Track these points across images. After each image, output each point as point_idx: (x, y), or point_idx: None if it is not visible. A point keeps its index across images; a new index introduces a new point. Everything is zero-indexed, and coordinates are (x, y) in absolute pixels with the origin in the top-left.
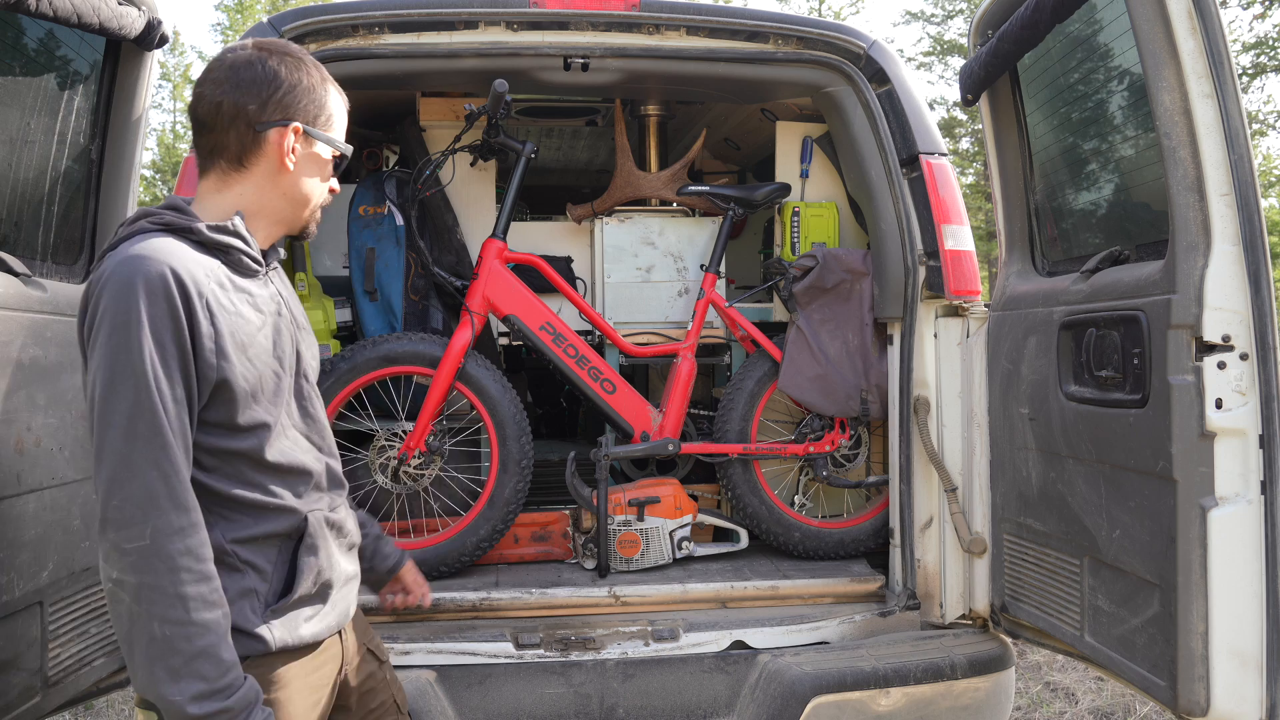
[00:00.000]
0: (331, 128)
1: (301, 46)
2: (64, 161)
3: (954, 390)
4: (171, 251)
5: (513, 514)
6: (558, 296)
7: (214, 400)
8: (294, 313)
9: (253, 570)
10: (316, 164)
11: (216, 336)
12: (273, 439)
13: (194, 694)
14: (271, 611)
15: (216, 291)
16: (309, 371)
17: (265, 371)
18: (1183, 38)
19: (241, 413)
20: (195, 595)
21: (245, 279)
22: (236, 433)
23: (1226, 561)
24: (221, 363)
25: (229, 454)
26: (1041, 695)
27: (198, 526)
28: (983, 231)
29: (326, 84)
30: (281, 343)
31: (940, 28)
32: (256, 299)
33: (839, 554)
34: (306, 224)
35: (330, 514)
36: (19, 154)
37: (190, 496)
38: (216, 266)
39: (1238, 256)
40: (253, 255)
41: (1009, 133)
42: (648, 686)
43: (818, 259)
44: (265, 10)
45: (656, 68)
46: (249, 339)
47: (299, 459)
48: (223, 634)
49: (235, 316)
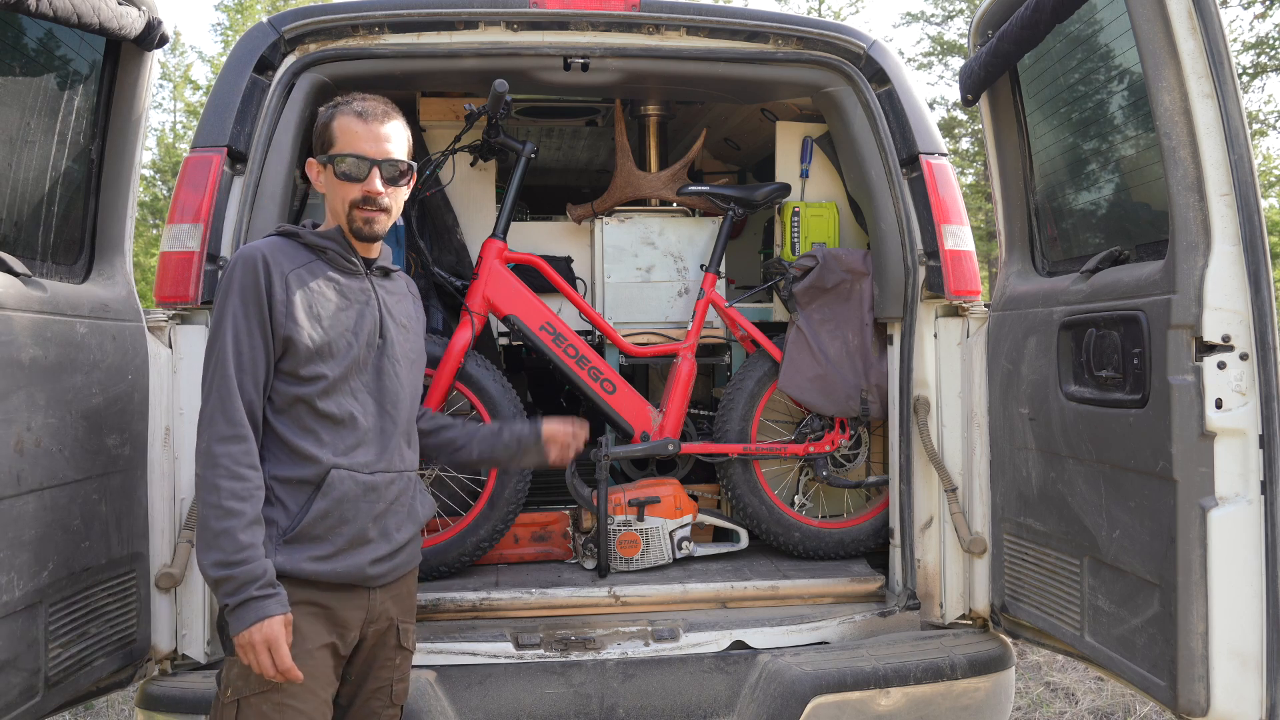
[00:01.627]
0: (334, 145)
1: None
2: (64, 161)
3: (954, 390)
4: (272, 245)
5: (513, 514)
6: (558, 296)
7: (286, 353)
8: (390, 310)
9: (281, 506)
10: (331, 178)
11: (289, 304)
12: (330, 391)
13: (213, 561)
14: (284, 542)
15: (302, 273)
16: (398, 355)
17: (338, 339)
18: (1183, 38)
19: (305, 366)
20: (227, 488)
21: (340, 273)
22: (299, 381)
23: (1226, 561)
24: (289, 323)
25: (294, 399)
26: (1041, 695)
27: (242, 439)
28: (983, 231)
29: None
30: (362, 324)
31: (940, 28)
32: (344, 288)
33: (839, 554)
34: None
35: (367, 476)
36: (19, 154)
37: (241, 415)
38: (311, 260)
39: (1238, 256)
40: (345, 256)
41: (1009, 133)
42: (648, 686)
43: (818, 259)
44: (265, 10)
45: (656, 68)
46: (325, 312)
47: (350, 410)
48: (246, 522)
49: (317, 294)
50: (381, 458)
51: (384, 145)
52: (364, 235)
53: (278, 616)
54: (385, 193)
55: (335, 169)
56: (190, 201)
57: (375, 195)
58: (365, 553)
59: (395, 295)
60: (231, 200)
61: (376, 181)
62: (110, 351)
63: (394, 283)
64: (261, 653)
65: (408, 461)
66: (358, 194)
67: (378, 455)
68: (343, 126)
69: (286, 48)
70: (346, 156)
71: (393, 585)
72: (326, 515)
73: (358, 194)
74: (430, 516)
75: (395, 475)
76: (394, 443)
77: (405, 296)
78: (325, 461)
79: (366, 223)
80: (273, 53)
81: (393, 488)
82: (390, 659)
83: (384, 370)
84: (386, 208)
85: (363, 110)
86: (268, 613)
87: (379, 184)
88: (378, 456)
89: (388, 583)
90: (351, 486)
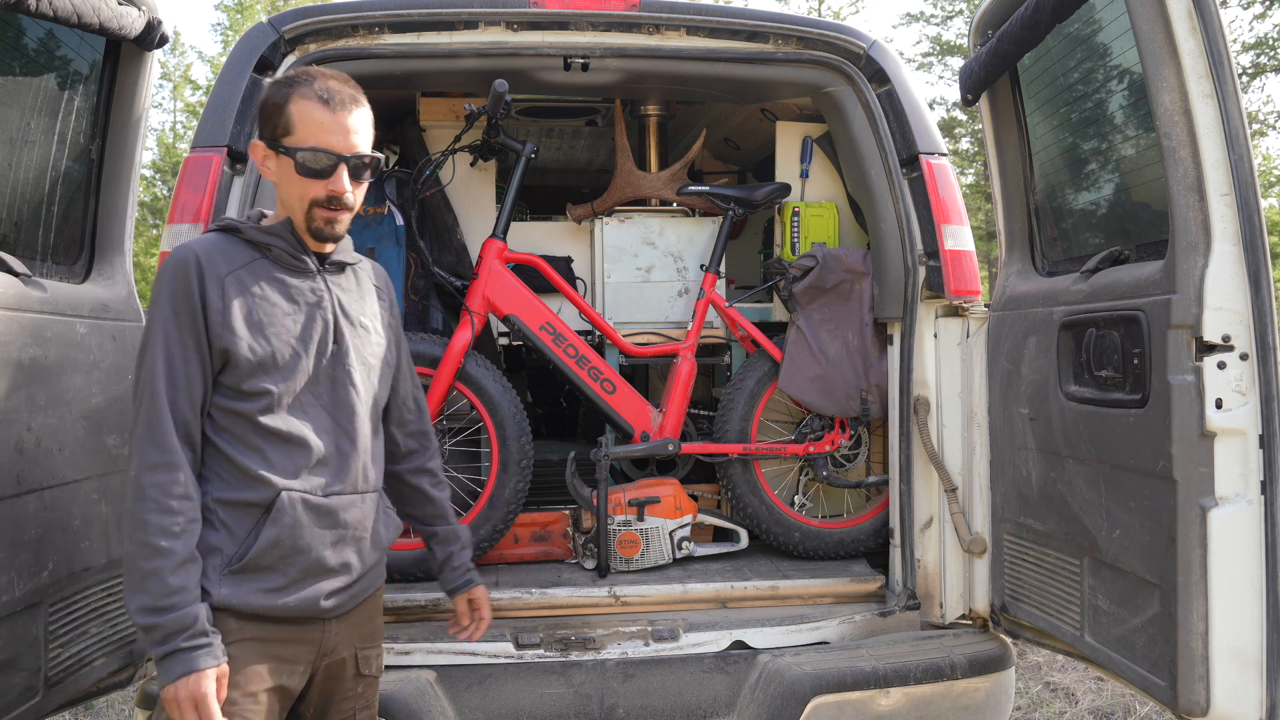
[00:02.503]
0: (292, 133)
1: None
2: (64, 161)
3: (954, 390)
4: (208, 243)
5: (513, 514)
6: (558, 296)
7: (225, 366)
8: (345, 311)
9: (226, 531)
10: (286, 169)
11: (225, 312)
12: (276, 407)
13: (140, 605)
14: (229, 572)
15: (242, 276)
16: (351, 362)
17: (282, 349)
18: (1183, 38)
19: (246, 380)
20: (155, 524)
21: (287, 273)
22: (241, 396)
23: (1226, 561)
24: (225, 333)
25: (235, 415)
26: (1041, 695)
27: (173, 466)
28: (983, 231)
29: (292, 95)
30: (312, 329)
31: (940, 28)
32: (292, 290)
33: (839, 554)
34: (308, 225)
35: (321, 499)
36: (19, 154)
37: (172, 439)
38: (254, 259)
39: (1238, 256)
40: (294, 254)
41: (1009, 133)
42: (648, 686)
43: (818, 259)
44: (265, 10)
45: (656, 68)
46: (269, 319)
47: (300, 431)
48: (177, 563)
49: (260, 300)
50: (339, 478)
51: (352, 139)
52: (325, 236)
53: (208, 670)
54: (350, 190)
55: (296, 163)
56: (190, 201)
57: (341, 195)
58: (321, 584)
59: (353, 293)
60: (231, 200)
61: (344, 180)
62: (110, 351)
63: (351, 278)
64: (187, 711)
65: (371, 481)
66: (321, 193)
67: (335, 476)
68: (304, 113)
69: (286, 48)
70: (310, 151)
71: (351, 613)
72: (277, 544)
73: (321, 193)
74: (395, 539)
75: (356, 498)
76: (354, 461)
77: (367, 292)
78: (275, 484)
79: (329, 223)
80: (273, 53)
81: (353, 511)
82: (351, 690)
83: (339, 381)
84: (351, 206)
85: (328, 95)
86: (196, 666)
87: (346, 182)
88: (335, 477)
89: (345, 612)
90: (304, 512)
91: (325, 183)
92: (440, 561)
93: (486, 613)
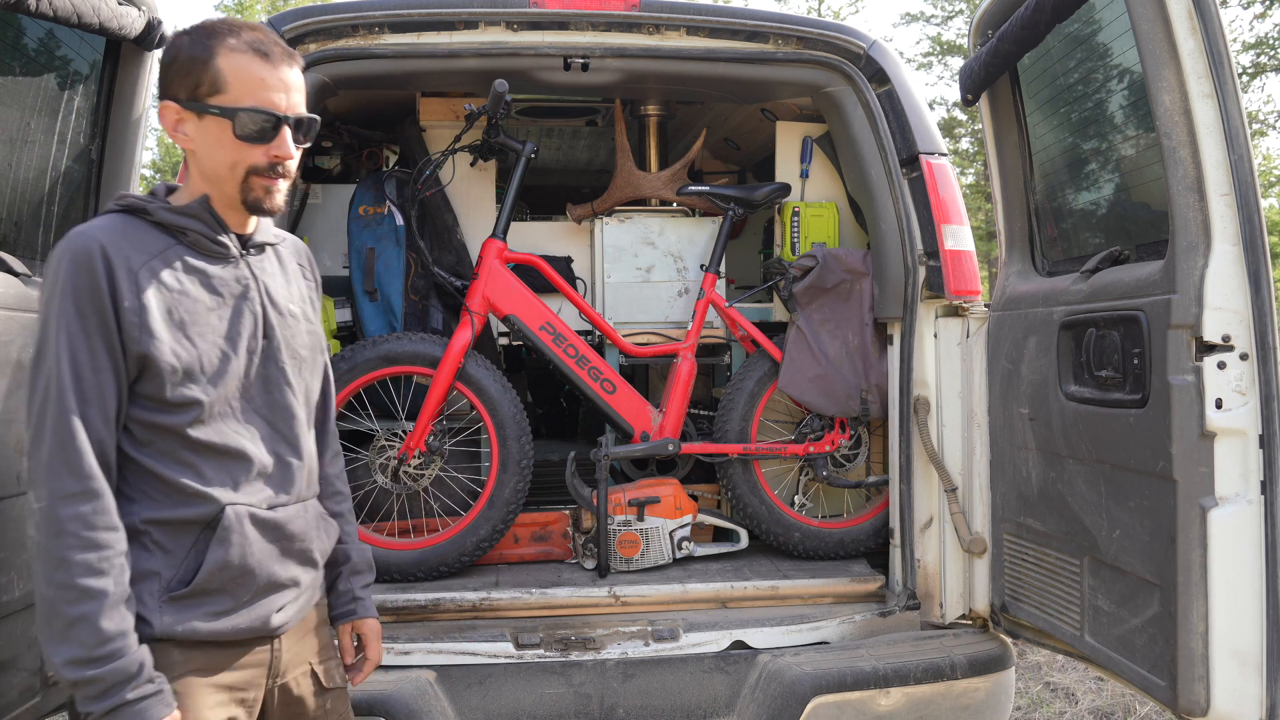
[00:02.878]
0: (224, 91)
1: (228, 17)
2: (64, 161)
3: (954, 390)
4: (111, 228)
5: (513, 514)
6: (558, 296)
7: (143, 373)
8: (273, 298)
9: (162, 553)
10: (216, 134)
11: (142, 311)
12: (207, 418)
13: (68, 659)
14: (170, 599)
15: (156, 267)
16: (283, 359)
17: (209, 351)
18: (1183, 38)
19: (171, 389)
20: (79, 562)
21: (206, 260)
22: (165, 408)
23: (1226, 561)
24: (144, 337)
25: (159, 429)
26: (1041, 695)
27: (94, 494)
28: (983, 231)
29: (217, 48)
30: (240, 325)
31: (940, 28)
32: (214, 280)
33: (839, 554)
34: (244, 197)
35: (266, 512)
36: (19, 154)
37: (90, 462)
38: (167, 246)
39: (1238, 256)
40: (213, 238)
41: (1009, 133)
42: (648, 686)
43: (818, 259)
44: (265, 10)
45: (656, 68)
46: (192, 318)
47: (240, 444)
48: (109, 603)
49: (179, 295)
50: (283, 489)
51: (294, 96)
52: (264, 209)
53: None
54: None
55: (235, 126)
56: None
57: (287, 160)
58: (272, 600)
59: (277, 276)
60: None
61: (289, 143)
62: None
63: (273, 259)
64: None
65: (312, 487)
66: (262, 159)
67: (279, 487)
68: (239, 68)
69: None
70: (251, 111)
71: (298, 628)
72: (226, 566)
73: (262, 159)
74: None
75: (300, 507)
76: (296, 470)
77: (291, 274)
78: (216, 499)
79: (268, 193)
80: None
81: (298, 522)
82: (320, 708)
83: (272, 381)
84: (290, 173)
85: (264, 48)
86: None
87: (292, 146)
88: (279, 488)
89: (292, 627)
90: (252, 528)
91: (267, 147)
92: (327, 585)
93: (374, 653)
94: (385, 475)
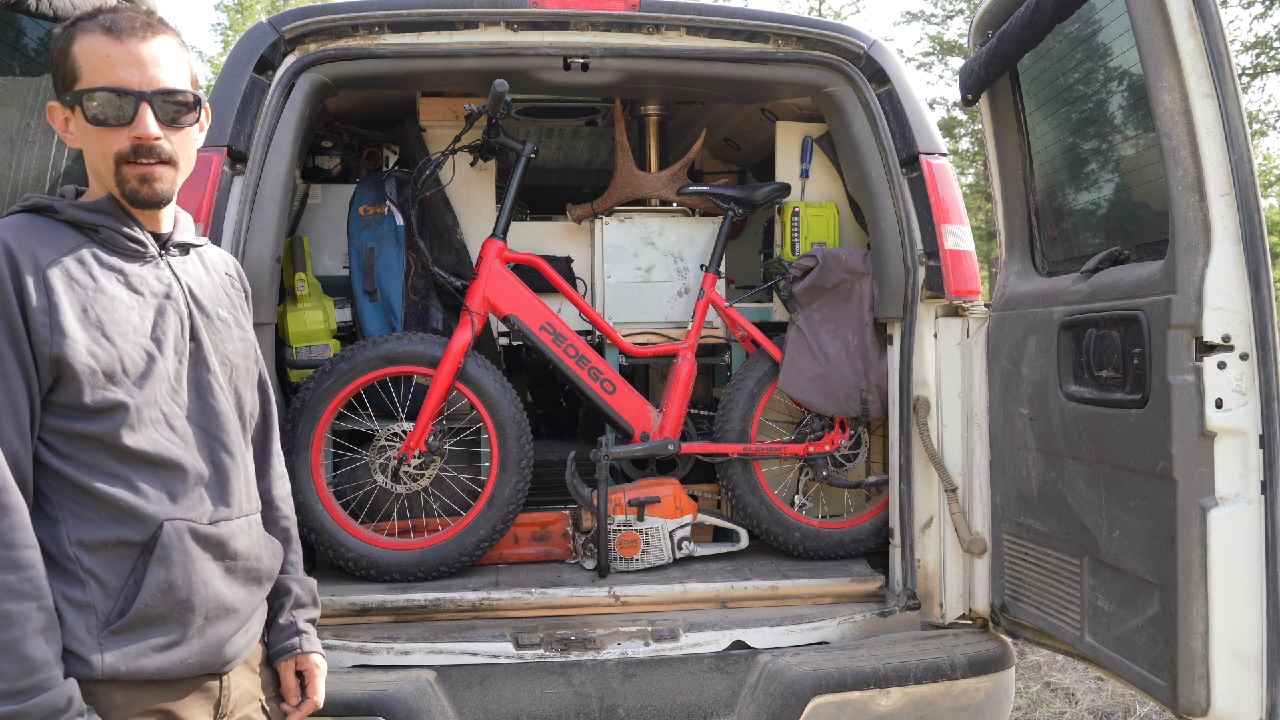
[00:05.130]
0: (80, 78)
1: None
2: (64, 161)
3: (954, 390)
4: (17, 227)
5: (513, 514)
6: (558, 296)
7: (58, 379)
8: (198, 300)
9: (95, 582)
10: (80, 125)
11: (52, 311)
12: (135, 424)
13: None
14: (110, 633)
15: (70, 266)
16: (213, 363)
17: (130, 351)
18: (1183, 38)
19: (89, 392)
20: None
21: (122, 259)
22: (86, 415)
23: (1226, 561)
24: (56, 338)
25: (81, 438)
26: (1041, 695)
27: (9, 509)
28: (983, 231)
29: (75, 35)
30: (164, 326)
31: (940, 28)
32: (132, 278)
33: (839, 554)
34: (123, 189)
35: (207, 527)
36: (19, 154)
37: (5, 475)
38: (80, 244)
39: (1238, 256)
40: (126, 234)
41: (1009, 133)
42: (648, 686)
43: (818, 259)
44: (265, 10)
45: (656, 68)
46: (110, 316)
47: (173, 453)
48: (34, 629)
49: (95, 293)
50: (222, 501)
51: (152, 71)
52: (142, 200)
53: None
54: (164, 136)
55: (85, 111)
56: (190, 201)
57: (150, 142)
58: (221, 629)
59: (203, 280)
60: (231, 200)
61: (149, 122)
62: None
63: (198, 262)
64: None
65: (253, 501)
66: (124, 144)
67: (217, 499)
68: (88, 50)
69: (286, 48)
70: (97, 91)
71: (248, 660)
72: (169, 588)
73: (124, 144)
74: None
75: (243, 522)
76: (234, 480)
77: (218, 280)
78: (152, 515)
79: (143, 181)
80: (273, 53)
81: (242, 538)
82: None
83: (203, 385)
84: (170, 158)
85: (113, 24)
86: None
87: (153, 125)
88: (217, 500)
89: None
90: (193, 544)
91: (127, 130)
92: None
93: (316, 693)
94: (385, 475)
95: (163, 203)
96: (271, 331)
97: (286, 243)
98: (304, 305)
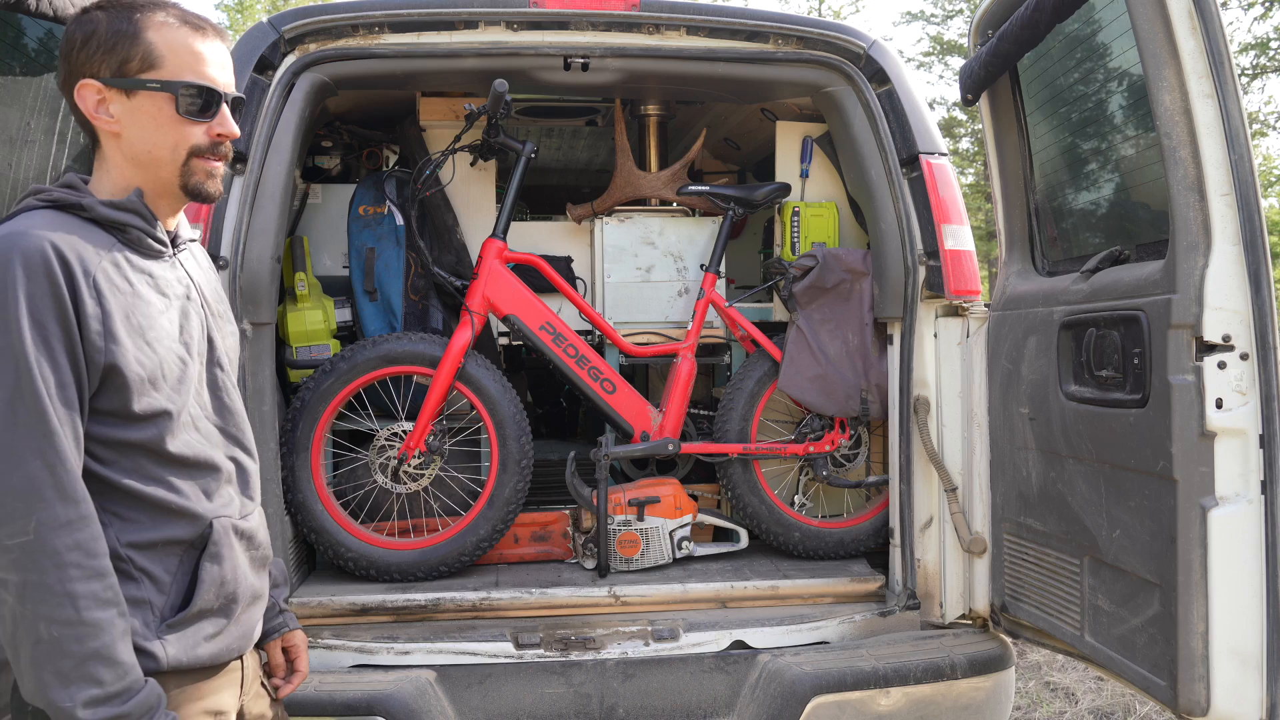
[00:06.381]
0: (160, 66)
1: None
2: (64, 161)
3: (954, 390)
4: (54, 226)
5: (513, 514)
6: (558, 296)
7: (105, 386)
8: (206, 297)
9: (149, 579)
10: (152, 112)
11: (105, 318)
12: (176, 429)
13: (86, 699)
14: (167, 626)
15: (110, 270)
16: (224, 360)
17: (168, 357)
18: (1183, 38)
19: (137, 400)
20: (86, 593)
21: (147, 259)
22: (133, 422)
23: (1226, 561)
24: (110, 346)
25: (126, 445)
26: (1041, 695)
27: (88, 520)
28: (983, 231)
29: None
30: (190, 328)
31: (940, 28)
32: (159, 281)
33: (839, 554)
34: (185, 181)
35: (240, 521)
36: (19, 154)
37: (80, 488)
38: (111, 244)
39: (1238, 256)
40: (153, 234)
41: (1009, 133)
42: (648, 686)
43: (818, 259)
44: (265, 10)
45: (656, 68)
46: (149, 322)
47: (207, 453)
48: (120, 634)
49: (132, 298)
50: (246, 494)
51: (229, 72)
52: (205, 193)
53: None
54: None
55: (180, 103)
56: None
57: (231, 137)
58: (253, 613)
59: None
60: (231, 200)
61: (230, 120)
62: None
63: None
64: None
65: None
66: (203, 139)
67: (242, 493)
68: (173, 41)
69: (286, 47)
70: (192, 85)
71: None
72: (223, 583)
73: (203, 139)
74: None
75: (260, 513)
76: (252, 475)
77: (211, 274)
78: (201, 514)
79: (210, 176)
80: (273, 53)
81: (261, 530)
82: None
83: (218, 384)
84: (230, 156)
85: (197, 21)
86: None
87: (233, 123)
88: (243, 494)
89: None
90: (236, 540)
91: (210, 124)
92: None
93: (303, 665)
94: (385, 475)
95: (215, 199)
96: (271, 331)
97: (286, 243)
98: (304, 305)
